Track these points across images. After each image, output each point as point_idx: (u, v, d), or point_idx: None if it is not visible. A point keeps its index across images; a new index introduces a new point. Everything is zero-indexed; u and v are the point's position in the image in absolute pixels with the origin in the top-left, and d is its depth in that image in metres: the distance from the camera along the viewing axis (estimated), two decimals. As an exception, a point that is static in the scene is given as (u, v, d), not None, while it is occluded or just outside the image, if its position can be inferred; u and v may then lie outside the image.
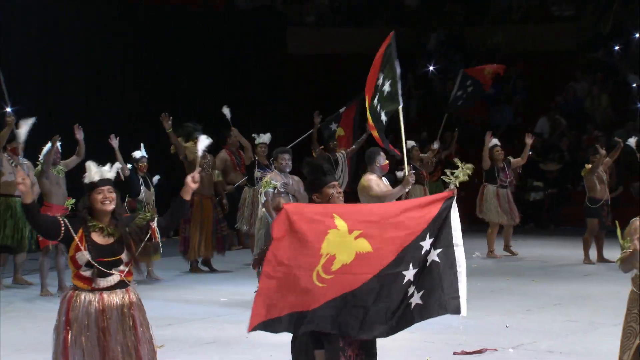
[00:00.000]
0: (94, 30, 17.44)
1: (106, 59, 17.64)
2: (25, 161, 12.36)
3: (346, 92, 15.19)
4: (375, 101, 9.48)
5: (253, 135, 14.43)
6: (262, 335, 9.74)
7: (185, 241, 13.81)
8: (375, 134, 9.66)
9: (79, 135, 12.48)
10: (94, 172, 5.97)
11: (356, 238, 5.79)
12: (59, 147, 12.28)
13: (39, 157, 12.29)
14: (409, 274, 5.84)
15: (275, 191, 11.27)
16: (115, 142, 12.61)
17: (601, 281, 12.98)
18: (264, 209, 11.26)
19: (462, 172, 6.09)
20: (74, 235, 5.84)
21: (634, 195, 6.48)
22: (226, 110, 14.49)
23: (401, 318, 5.82)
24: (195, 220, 13.70)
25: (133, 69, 18.12)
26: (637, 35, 21.97)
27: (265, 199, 11.27)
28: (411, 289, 5.83)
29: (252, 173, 14.29)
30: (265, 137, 14.25)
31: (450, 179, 6.02)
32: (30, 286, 12.67)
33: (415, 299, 5.82)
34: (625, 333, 6.57)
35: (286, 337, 9.59)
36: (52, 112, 16.09)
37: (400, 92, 9.53)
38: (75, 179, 12.38)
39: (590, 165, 14.46)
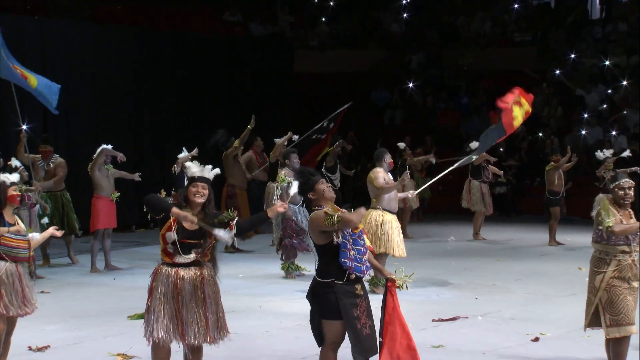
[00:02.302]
0: (134, 56, 17.42)
1: (145, 80, 17.58)
2: (58, 158, 12.30)
3: (343, 104, 15.11)
4: None
5: (275, 139, 14.36)
6: (272, 304, 9.78)
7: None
8: None
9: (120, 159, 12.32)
10: (196, 169, 6.06)
11: None
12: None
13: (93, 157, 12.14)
14: None
15: (290, 185, 11.27)
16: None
17: (554, 260, 12.95)
18: (279, 200, 11.25)
19: (404, 279, 6.17)
20: (171, 216, 5.93)
21: (607, 186, 6.48)
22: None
23: None
24: (242, 208, 13.79)
25: (167, 87, 18.06)
26: (557, 71, 22.06)
27: (280, 191, 11.31)
28: None
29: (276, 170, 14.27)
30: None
31: (398, 279, 6.14)
32: (82, 263, 12.61)
33: None
34: (586, 303, 6.54)
35: (293, 307, 9.60)
36: (102, 124, 16.23)
37: None
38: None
39: (554, 164, 14.49)
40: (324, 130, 14.87)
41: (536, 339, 8.03)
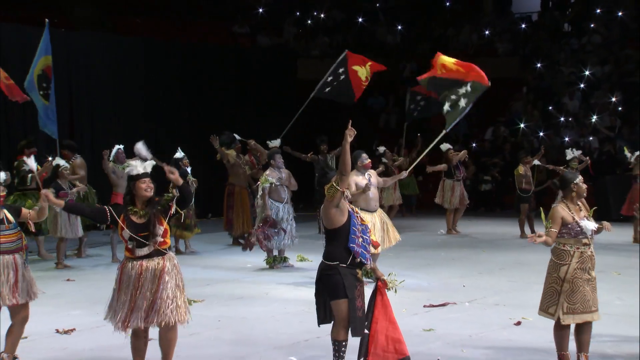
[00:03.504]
0: (152, 64, 17.45)
1: (161, 86, 17.58)
2: (79, 158, 12.35)
3: (343, 109, 15.08)
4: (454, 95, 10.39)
5: (267, 141, 14.29)
6: (277, 291, 9.77)
7: (229, 222, 13.73)
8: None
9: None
10: (139, 166, 6.03)
11: None
12: (123, 150, 12.23)
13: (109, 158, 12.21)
14: None
15: (273, 185, 11.18)
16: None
17: (534, 251, 12.88)
18: (261, 199, 11.19)
19: (394, 283, 6.19)
20: (118, 218, 5.94)
21: (554, 188, 6.56)
22: (237, 136, 14.17)
23: None
24: (237, 205, 13.64)
25: (180, 92, 18.05)
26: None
27: (261, 192, 11.17)
28: None
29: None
30: (276, 142, 14.05)
31: (389, 282, 6.14)
32: (103, 255, 12.58)
33: None
34: (548, 292, 6.58)
35: (297, 294, 9.60)
36: (122, 127, 16.20)
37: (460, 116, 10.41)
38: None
39: (522, 167, 14.52)
40: (338, 75, 14.57)
41: (518, 323, 8.04)
